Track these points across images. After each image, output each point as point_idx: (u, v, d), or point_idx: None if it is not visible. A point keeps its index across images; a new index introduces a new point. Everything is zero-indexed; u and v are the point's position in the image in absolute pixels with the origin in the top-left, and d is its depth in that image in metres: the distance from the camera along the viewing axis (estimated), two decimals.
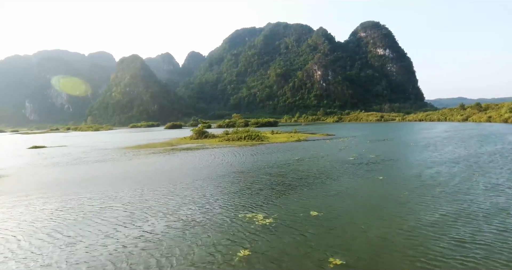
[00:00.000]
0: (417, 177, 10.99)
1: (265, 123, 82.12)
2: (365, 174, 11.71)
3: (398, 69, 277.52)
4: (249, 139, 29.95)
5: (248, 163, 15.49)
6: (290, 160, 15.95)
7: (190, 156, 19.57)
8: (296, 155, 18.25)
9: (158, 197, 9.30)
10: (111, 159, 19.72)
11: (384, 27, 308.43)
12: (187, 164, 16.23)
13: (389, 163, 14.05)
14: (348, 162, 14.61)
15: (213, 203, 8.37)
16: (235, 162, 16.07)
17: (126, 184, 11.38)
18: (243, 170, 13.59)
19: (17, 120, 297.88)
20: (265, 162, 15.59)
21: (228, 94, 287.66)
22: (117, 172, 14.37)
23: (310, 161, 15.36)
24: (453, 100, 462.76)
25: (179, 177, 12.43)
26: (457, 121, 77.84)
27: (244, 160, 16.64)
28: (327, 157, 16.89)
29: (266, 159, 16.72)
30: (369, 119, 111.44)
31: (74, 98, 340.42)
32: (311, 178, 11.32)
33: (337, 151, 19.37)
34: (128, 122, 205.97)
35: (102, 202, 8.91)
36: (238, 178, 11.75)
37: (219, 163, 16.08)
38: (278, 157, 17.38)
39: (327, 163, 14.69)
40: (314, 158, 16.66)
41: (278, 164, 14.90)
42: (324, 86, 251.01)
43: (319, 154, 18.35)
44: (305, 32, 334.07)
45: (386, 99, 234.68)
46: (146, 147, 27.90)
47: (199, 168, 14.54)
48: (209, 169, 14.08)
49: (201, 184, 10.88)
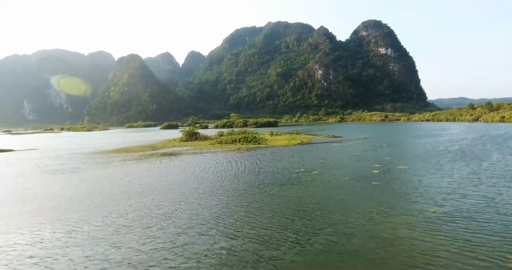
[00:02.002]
0: (497, 207, 7.08)
1: (264, 123, 78.17)
2: (411, 204, 7.77)
3: (400, 68, 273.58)
4: (244, 142, 26.06)
5: (238, 178, 11.59)
6: (295, 174, 12.03)
7: (167, 165, 15.69)
8: (301, 164, 14.34)
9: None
10: (71, 169, 15.88)
11: (386, 26, 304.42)
12: (155, 178, 12.35)
13: (433, 181, 10.10)
14: (375, 178, 10.69)
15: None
16: (220, 176, 12.17)
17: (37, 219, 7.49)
18: (228, 191, 9.69)
19: (15, 120, 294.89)
20: (261, 177, 11.67)
21: (228, 94, 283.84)
22: (54, 192, 10.49)
23: (323, 176, 11.41)
24: (454, 100, 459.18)
25: (123, 211, 8.50)
26: (467, 121, 73.91)
27: (234, 173, 12.75)
28: (343, 167, 12.96)
29: (263, 171, 12.81)
30: (373, 119, 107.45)
31: (73, 97, 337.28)
32: (334, 211, 7.38)
33: (353, 159, 15.44)
34: (126, 122, 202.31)
35: None
36: (220, 211, 7.83)
37: (199, 177, 12.18)
38: (278, 168, 13.47)
39: (347, 179, 10.74)
40: (327, 169, 12.74)
41: (278, 180, 10.97)
42: (325, 85, 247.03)
43: (332, 163, 14.42)
44: (305, 31, 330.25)
45: (388, 99, 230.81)
46: (125, 151, 24.02)
47: (165, 187, 10.63)
48: (180, 190, 10.16)
49: (153, 233, 6.93)
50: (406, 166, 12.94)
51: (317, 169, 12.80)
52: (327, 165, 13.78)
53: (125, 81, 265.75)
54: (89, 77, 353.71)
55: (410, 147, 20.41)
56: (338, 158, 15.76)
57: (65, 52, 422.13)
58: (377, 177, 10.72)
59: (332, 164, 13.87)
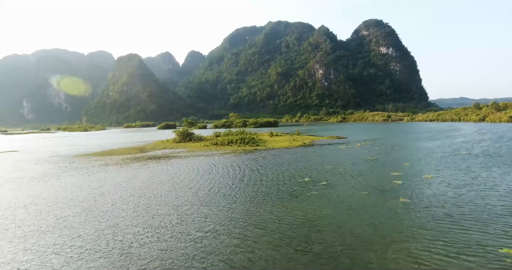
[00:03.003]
0: None
1: (264, 123, 75.94)
2: (472, 237, 5.58)
3: (401, 68, 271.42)
4: (241, 144, 23.87)
5: (229, 192, 9.42)
6: (299, 185, 9.83)
7: (150, 172, 13.55)
8: (305, 171, 12.15)
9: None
10: (40, 176, 13.75)
11: (387, 25, 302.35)
12: (133, 190, 10.21)
13: (481, 198, 7.90)
14: (402, 192, 8.48)
15: None
16: (209, 188, 10.02)
17: None
18: (216, 213, 7.54)
19: (14, 120, 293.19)
20: (256, 190, 9.50)
21: (228, 94, 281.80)
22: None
23: (334, 189, 9.20)
24: (455, 100, 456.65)
25: (65, 247, 6.35)
26: (473, 121, 71.70)
27: (225, 184, 10.59)
28: (357, 176, 10.76)
29: (259, 182, 10.63)
30: (375, 119, 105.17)
31: (72, 97, 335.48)
32: (363, 251, 5.16)
33: (366, 165, 13.23)
34: (125, 121, 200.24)
35: None
36: (204, 245, 5.69)
37: (184, 189, 10.03)
38: (277, 177, 11.27)
39: (366, 194, 8.54)
40: (338, 178, 10.54)
41: (278, 195, 8.80)
42: (326, 85, 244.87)
43: (342, 170, 12.22)
44: (306, 30, 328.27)
45: (390, 99, 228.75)
46: (110, 153, 21.84)
47: (140, 204, 8.48)
48: (157, 211, 8.02)
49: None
50: (432, 174, 10.73)
51: (326, 178, 10.59)
52: (337, 172, 11.58)
53: (124, 80, 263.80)
54: (89, 77, 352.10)
55: (426, 150, 18.20)
56: (348, 164, 13.55)
57: (64, 52, 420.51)
58: (403, 191, 8.51)
59: (343, 172, 11.66)
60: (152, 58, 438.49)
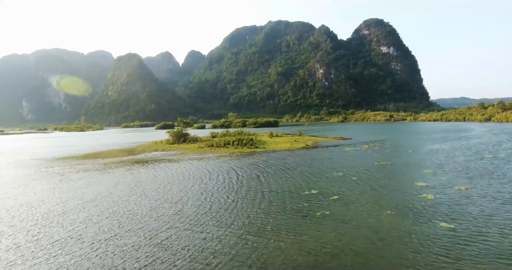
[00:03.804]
0: None
1: (264, 123, 74.01)
2: None
3: (402, 67, 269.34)
4: (239, 145, 22.06)
5: (223, 207, 7.66)
6: (304, 200, 8.03)
7: (133, 180, 11.80)
8: (311, 180, 10.34)
9: None
10: (4, 184, 11.97)
11: (388, 24, 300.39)
12: (109, 204, 8.47)
13: None
14: (438, 212, 6.65)
15: None
16: (195, 201, 8.25)
17: None
18: (203, 238, 5.78)
19: (14, 120, 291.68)
20: (256, 205, 7.72)
21: (228, 94, 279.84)
22: None
23: (349, 206, 7.39)
24: (456, 100, 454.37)
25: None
26: (478, 121, 69.86)
27: (217, 196, 8.80)
28: (374, 188, 8.93)
29: (254, 194, 8.84)
30: (377, 118, 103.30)
31: (72, 97, 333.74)
32: None
33: (382, 172, 11.40)
34: (124, 121, 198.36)
35: None
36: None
37: (168, 203, 8.26)
38: (277, 188, 9.47)
39: (393, 215, 6.71)
40: (351, 191, 8.73)
41: (277, 216, 7.01)
42: (327, 85, 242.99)
43: (354, 178, 10.39)
44: (306, 30, 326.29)
45: (391, 98, 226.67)
46: (95, 156, 20.03)
47: (115, 227, 6.73)
48: (132, 238, 6.26)
49: None
50: (466, 185, 8.92)
51: (337, 190, 8.77)
52: (349, 182, 9.76)
53: (123, 80, 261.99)
54: (88, 77, 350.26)
55: (443, 153, 16.37)
56: (360, 170, 11.73)
57: (64, 52, 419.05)
58: (441, 211, 6.66)
59: (356, 182, 9.84)
60: (152, 58, 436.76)
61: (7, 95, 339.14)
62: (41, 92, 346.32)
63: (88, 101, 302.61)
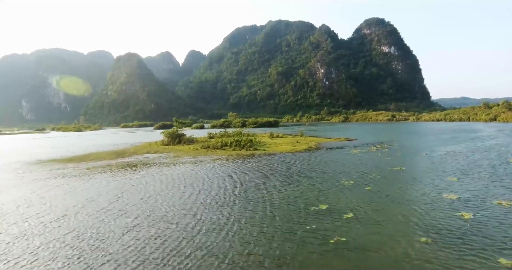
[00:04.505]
0: None
1: (264, 123, 72.48)
2: None
3: (403, 67, 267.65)
4: (237, 147, 20.60)
5: (215, 230, 6.26)
6: (313, 219, 6.57)
7: (116, 187, 10.39)
8: (318, 191, 8.87)
9: None
10: None
11: (389, 24, 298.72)
12: (71, 219, 7.07)
13: None
14: (489, 241, 5.17)
15: None
16: (184, 220, 6.88)
17: None
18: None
19: (13, 120, 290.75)
20: (254, 229, 6.29)
21: (228, 93, 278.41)
22: None
23: (370, 229, 5.90)
24: (456, 99, 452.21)
25: None
26: (483, 121, 68.36)
27: (207, 214, 7.39)
28: (398, 203, 7.44)
29: (252, 210, 7.41)
30: (379, 118, 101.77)
31: (72, 97, 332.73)
32: None
33: (399, 181, 9.93)
34: (123, 121, 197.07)
35: None
36: None
37: (150, 221, 6.86)
38: (278, 202, 8.00)
39: (431, 244, 5.20)
40: (369, 206, 7.25)
41: (291, 243, 5.58)
42: (327, 84, 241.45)
43: (368, 189, 8.91)
44: (307, 29, 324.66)
45: (392, 98, 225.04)
46: (82, 159, 18.59)
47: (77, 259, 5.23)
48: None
49: None
50: (506, 198, 7.44)
51: (350, 204, 7.30)
52: (363, 194, 8.28)
53: (122, 80, 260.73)
54: (88, 77, 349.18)
55: (462, 156, 14.89)
56: (373, 178, 10.25)
57: (64, 51, 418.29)
58: (491, 237, 5.17)
59: (371, 193, 8.36)
60: (152, 58, 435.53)
61: (6, 95, 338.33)
62: (41, 92, 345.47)
63: (88, 101, 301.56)
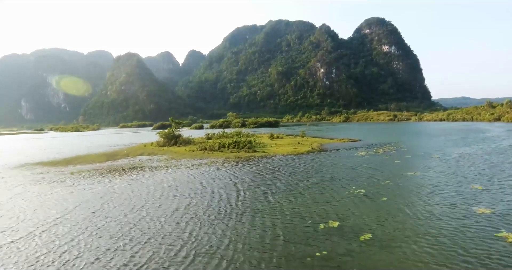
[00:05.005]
0: None
1: (264, 123, 71.33)
2: None
3: (404, 66, 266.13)
4: (235, 148, 19.46)
5: (200, 258, 5.09)
6: (324, 243, 5.42)
7: (96, 198, 9.29)
8: (326, 202, 7.73)
9: None
10: None
11: (390, 23, 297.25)
12: (30, 244, 5.88)
13: None
14: None
15: None
16: (169, 246, 5.74)
17: None
18: None
19: (13, 120, 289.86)
20: (253, 254, 5.15)
21: (228, 93, 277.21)
22: None
23: (392, 259, 4.74)
24: (457, 99, 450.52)
25: None
26: (487, 120, 67.30)
27: (197, 234, 6.33)
28: (420, 221, 6.29)
29: (259, 230, 6.29)
30: (381, 118, 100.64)
31: (71, 97, 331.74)
32: None
33: (416, 191, 8.78)
34: (123, 121, 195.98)
35: None
36: None
37: (129, 244, 5.72)
38: (280, 218, 6.87)
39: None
40: (385, 221, 6.09)
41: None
42: (328, 84, 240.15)
43: (384, 200, 7.76)
44: (307, 29, 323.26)
45: (392, 98, 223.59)
46: (69, 162, 17.45)
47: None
48: None
49: None
50: None
51: (366, 220, 6.15)
52: (379, 206, 7.13)
53: (122, 79, 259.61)
54: (88, 77, 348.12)
55: (480, 159, 13.72)
56: (386, 186, 9.10)
57: (64, 51, 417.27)
58: None
59: (388, 206, 7.20)
60: (152, 58, 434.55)
61: (6, 95, 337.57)
62: (41, 92, 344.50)
63: (88, 101, 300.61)
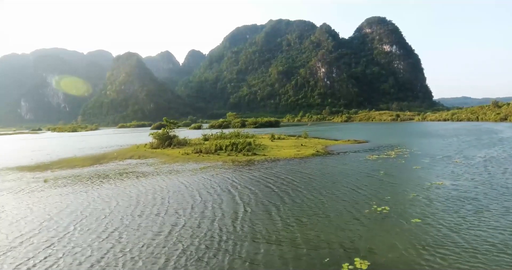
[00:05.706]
0: None
1: (265, 123, 69.73)
2: None
3: (405, 66, 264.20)
4: (233, 151, 17.91)
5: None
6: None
7: (66, 214, 7.86)
8: (344, 226, 6.21)
9: None
10: None
11: (391, 22, 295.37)
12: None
13: None
14: None
15: None
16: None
17: None
18: None
19: (12, 119, 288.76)
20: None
21: (228, 93, 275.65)
22: None
23: None
24: (457, 99, 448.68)
25: None
26: (493, 120, 65.72)
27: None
28: (487, 259, 4.75)
29: (249, 256, 4.69)
30: (383, 118, 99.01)
31: (71, 97, 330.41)
32: None
33: (454, 207, 7.21)
34: (122, 121, 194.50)
35: None
36: None
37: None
38: (296, 250, 5.34)
39: None
40: (437, 264, 4.51)
41: None
42: (328, 84, 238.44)
43: (418, 221, 6.19)
44: (307, 28, 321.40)
45: (393, 98, 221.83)
46: (48, 167, 15.93)
47: None
48: None
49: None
50: None
51: (403, 257, 4.61)
52: (412, 232, 5.58)
53: (121, 79, 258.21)
54: (88, 76, 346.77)
55: (508, 163, 12.16)
56: (415, 202, 7.53)
57: (63, 51, 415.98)
58: None
59: (428, 232, 5.64)
60: (152, 58, 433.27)
61: (6, 95, 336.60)
62: (40, 91, 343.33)
63: (88, 101, 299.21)
